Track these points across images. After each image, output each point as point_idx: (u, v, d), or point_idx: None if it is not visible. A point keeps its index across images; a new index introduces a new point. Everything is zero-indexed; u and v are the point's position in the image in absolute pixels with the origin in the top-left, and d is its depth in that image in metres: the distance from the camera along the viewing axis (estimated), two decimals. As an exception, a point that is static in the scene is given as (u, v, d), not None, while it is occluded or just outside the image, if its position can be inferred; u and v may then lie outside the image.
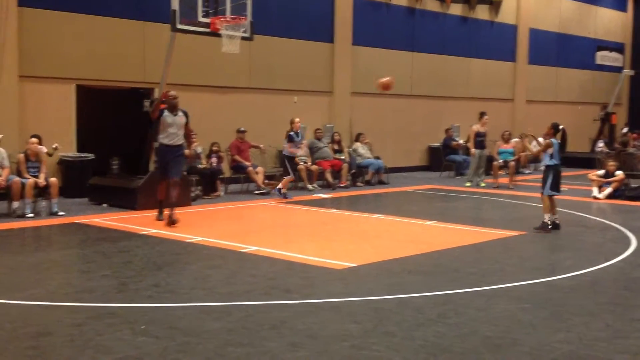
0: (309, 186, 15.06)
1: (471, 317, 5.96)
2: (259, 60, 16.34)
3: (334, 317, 5.88)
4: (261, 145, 15.17)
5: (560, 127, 10.43)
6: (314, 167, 15.55)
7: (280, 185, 13.51)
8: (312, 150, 16.10)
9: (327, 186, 15.50)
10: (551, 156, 10.29)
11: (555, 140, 10.35)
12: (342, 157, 16.22)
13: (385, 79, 12.88)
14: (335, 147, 16.53)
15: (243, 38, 13.13)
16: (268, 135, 15.99)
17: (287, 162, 13.78)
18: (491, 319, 5.89)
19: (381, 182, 16.64)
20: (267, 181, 14.76)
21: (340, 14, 18.10)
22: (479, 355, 5.05)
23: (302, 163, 15.00)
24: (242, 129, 15.04)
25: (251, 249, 8.60)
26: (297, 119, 13.98)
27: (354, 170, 16.35)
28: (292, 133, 13.69)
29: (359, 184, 16.24)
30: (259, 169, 14.65)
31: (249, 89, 16.36)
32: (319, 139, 16.36)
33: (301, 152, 14.47)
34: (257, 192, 14.30)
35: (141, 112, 14.25)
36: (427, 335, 5.44)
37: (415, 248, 8.87)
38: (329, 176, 15.62)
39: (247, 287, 6.81)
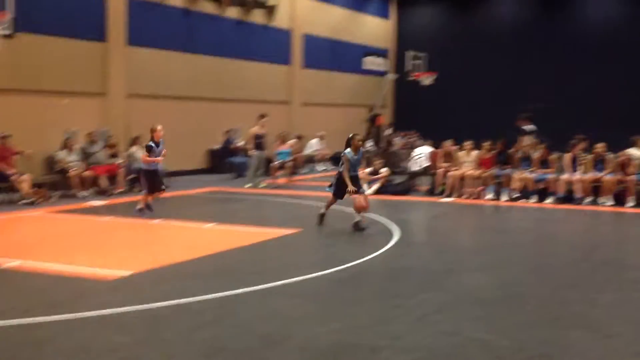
0: (81, 193, 14.31)
1: (248, 316, 6.05)
2: (23, 59, 15.16)
3: (104, 330, 5.63)
4: (27, 151, 14.09)
5: (351, 135, 10.87)
6: (87, 173, 14.80)
7: (141, 205, 11.85)
8: (85, 155, 15.30)
9: (102, 192, 14.83)
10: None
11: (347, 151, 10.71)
12: (118, 162, 15.62)
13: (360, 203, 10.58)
14: (110, 151, 15.86)
15: (3, 35, 12.15)
16: (35, 140, 14.89)
17: (143, 177, 11.99)
18: (267, 316, 6.03)
19: (161, 186, 16.27)
20: (35, 189, 13.73)
21: (113, 13, 17.40)
22: (254, 352, 5.15)
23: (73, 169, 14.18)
24: (4, 133, 13.85)
25: (14, 263, 7.94)
26: (159, 127, 12.04)
27: (131, 175, 15.82)
28: (151, 143, 11.91)
29: (136, 189, 15.73)
30: (25, 176, 13.59)
31: (11, 90, 15.11)
32: (92, 143, 15.60)
33: (160, 160, 12.19)
34: (22, 202, 13.26)
35: None
36: (204, 338, 5.42)
37: (194, 252, 8.80)
38: (103, 182, 14.95)
39: (7, 305, 6.28)
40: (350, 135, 10.83)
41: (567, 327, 5.85)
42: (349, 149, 10.64)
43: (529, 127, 16.87)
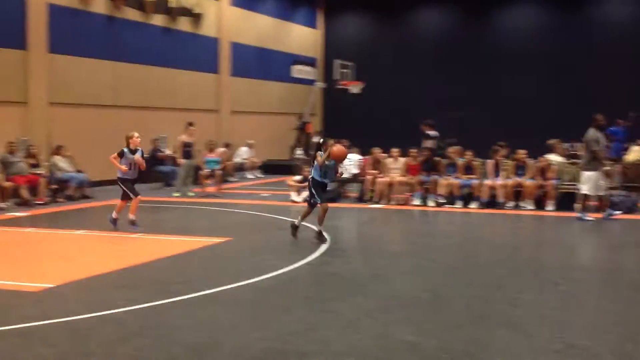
0: (2, 204, 13.78)
1: (174, 326, 5.96)
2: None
3: (27, 343, 5.44)
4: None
5: (322, 140, 10.75)
6: (8, 184, 14.27)
7: (114, 215, 11.33)
8: (5, 165, 14.74)
9: (23, 204, 14.32)
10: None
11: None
12: (40, 172, 15.13)
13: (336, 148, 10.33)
14: (32, 161, 15.34)
15: None
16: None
17: (123, 185, 11.47)
18: (194, 326, 5.96)
19: (85, 197, 15.86)
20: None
21: (33, 20, 16.86)
22: (182, 363, 5.08)
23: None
24: None
25: None
26: (135, 134, 11.68)
27: (54, 186, 15.34)
28: (125, 149, 11.49)
29: (59, 199, 15.28)
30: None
31: None
32: (12, 153, 15.04)
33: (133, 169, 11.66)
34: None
35: None
36: (128, 350, 5.31)
37: (120, 262, 8.61)
38: (24, 193, 14.44)
39: None
40: (322, 140, 10.82)
41: (491, 327, 6.02)
42: (321, 152, 10.33)
43: (432, 132, 17.54)
